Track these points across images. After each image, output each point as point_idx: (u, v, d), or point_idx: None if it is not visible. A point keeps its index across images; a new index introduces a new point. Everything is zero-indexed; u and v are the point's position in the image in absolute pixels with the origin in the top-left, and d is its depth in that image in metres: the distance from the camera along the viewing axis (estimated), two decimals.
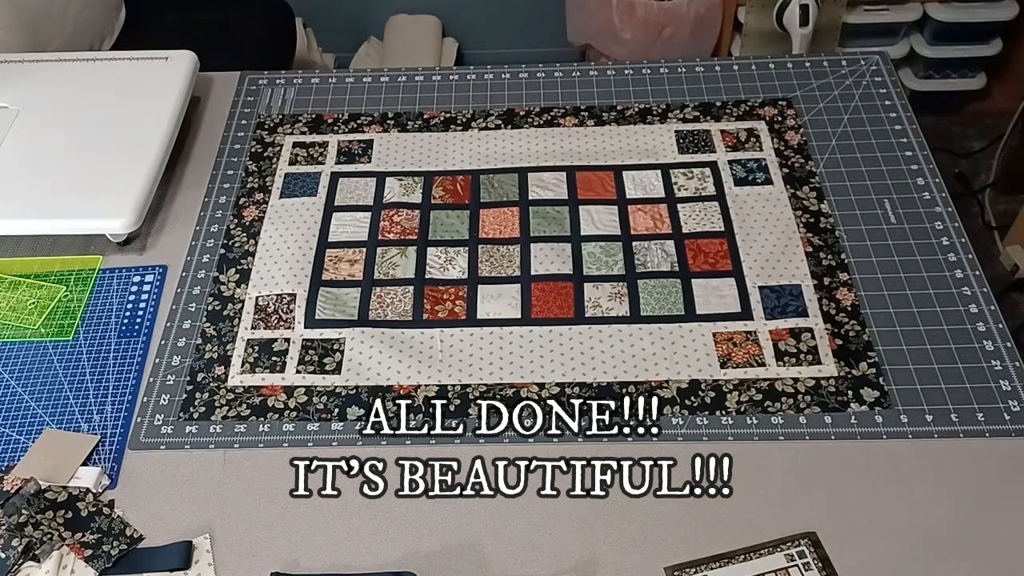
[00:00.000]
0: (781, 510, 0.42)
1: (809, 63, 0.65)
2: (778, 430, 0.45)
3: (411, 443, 0.46)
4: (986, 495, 0.43)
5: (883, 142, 0.60)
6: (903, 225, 0.55)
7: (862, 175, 0.58)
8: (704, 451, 0.44)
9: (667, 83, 0.65)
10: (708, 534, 0.42)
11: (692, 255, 0.53)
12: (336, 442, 0.46)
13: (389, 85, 0.66)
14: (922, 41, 1.18)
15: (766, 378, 0.47)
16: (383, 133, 0.62)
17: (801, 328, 0.49)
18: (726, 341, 0.49)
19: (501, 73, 0.66)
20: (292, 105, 0.65)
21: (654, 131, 0.61)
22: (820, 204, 0.56)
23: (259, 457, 0.45)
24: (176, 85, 0.61)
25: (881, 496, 0.43)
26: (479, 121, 0.63)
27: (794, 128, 0.61)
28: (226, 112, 0.64)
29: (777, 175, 0.58)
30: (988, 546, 0.41)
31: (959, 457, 0.44)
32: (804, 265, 0.53)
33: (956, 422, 0.45)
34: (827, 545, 0.41)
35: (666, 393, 0.47)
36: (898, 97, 0.62)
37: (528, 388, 0.47)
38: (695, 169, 0.58)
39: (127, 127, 0.58)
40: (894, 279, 0.52)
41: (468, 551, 0.42)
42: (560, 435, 0.46)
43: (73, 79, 0.63)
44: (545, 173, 0.59)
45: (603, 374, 0.48)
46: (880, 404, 0.46)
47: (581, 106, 0.63)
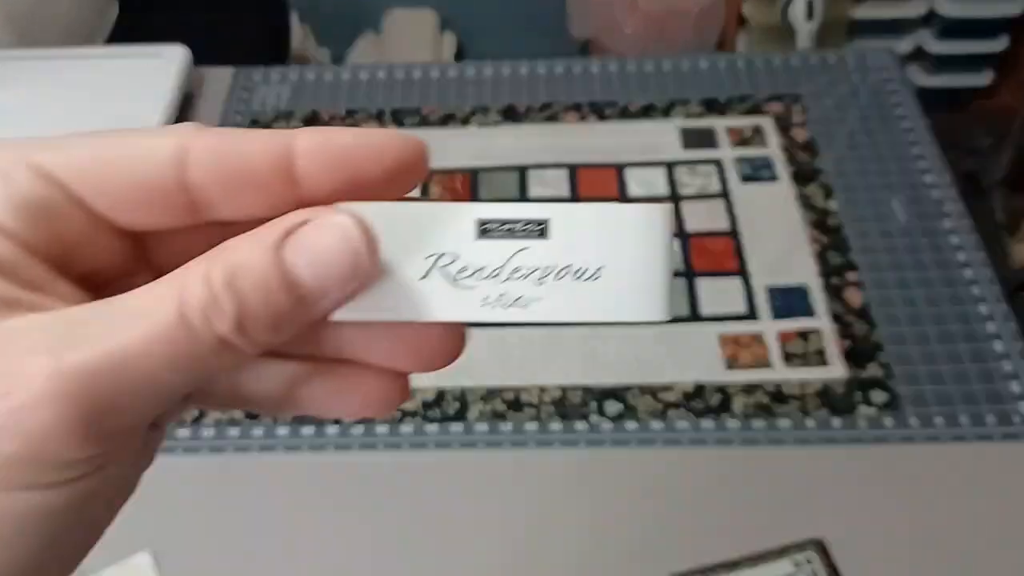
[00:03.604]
0: (788, 516, 0.41)
1: (815, 59, 0.64)
2: (785, 433, 0.44)
3: (408, 447, 0.45)
4: (997, 499, 0.42)
5: (891, 139, 0.58)
6: (912, 223, 0.53)
7: (870, 172, 0.56)
8: (710, 456, 0.43)
9: (671, 79, 0.63)
10: (714, 540, 0.41)
11: (697, 254, 0.52)
12: (331, 447, 0.45)
13: (386, 81, 0.65)
14: (929, 37, 1.16)
15: (773, 380, 0.46)
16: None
17: (809, 329, 0.48)
18: (732, 342, 0.48)
19: (501, 68, 0.65)
20: (287, 101, 0.64)
21: (657, 128, 0.60)
22: (827, 202, 0.55)
23: (254, 461, 0.44)
24: (168, 81, 0.60)
25: (890, 501, 0.42)
26: (478, 117, 0.61)
27: (801, 124, 0.60)
28: (220, 109, 0.63)
29: (784, 172, 0.57)
30: (1000, 551, 0.40)
31: (968, 460, 0.43)
32: (812, 264, 0.52)
33: (966, 424, 0.44)
34: (834, 551, 0.40)
35: (671, 396, 0.46)
36: (906, 94, 0.61)
37: (529, 391, 0.46)
38: (700, 166, 0.57)
39: (118, 124, 0.57)
40: (903, 278, 0.51)
41: (464, 558, 0.41)
42: (562, 439, 0.45)
43: (63, 75, 0.62)
44: (546, 171, 0.58)
45: (606, 377, 0.47)
46: (889, 406, 0.45)
47: (583, 102, 0.62)
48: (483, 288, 0.14)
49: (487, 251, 0.14)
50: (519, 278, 0.14)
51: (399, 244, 0.14)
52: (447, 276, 0.14)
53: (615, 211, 0.14)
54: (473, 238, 0.14)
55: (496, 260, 0.14)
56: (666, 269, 0.14)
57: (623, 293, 0.14)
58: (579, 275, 0.14)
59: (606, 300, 0.14)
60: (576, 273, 0.14)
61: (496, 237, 0.14)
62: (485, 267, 0.14)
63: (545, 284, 0.14)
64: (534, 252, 0.14)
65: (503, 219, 0.14)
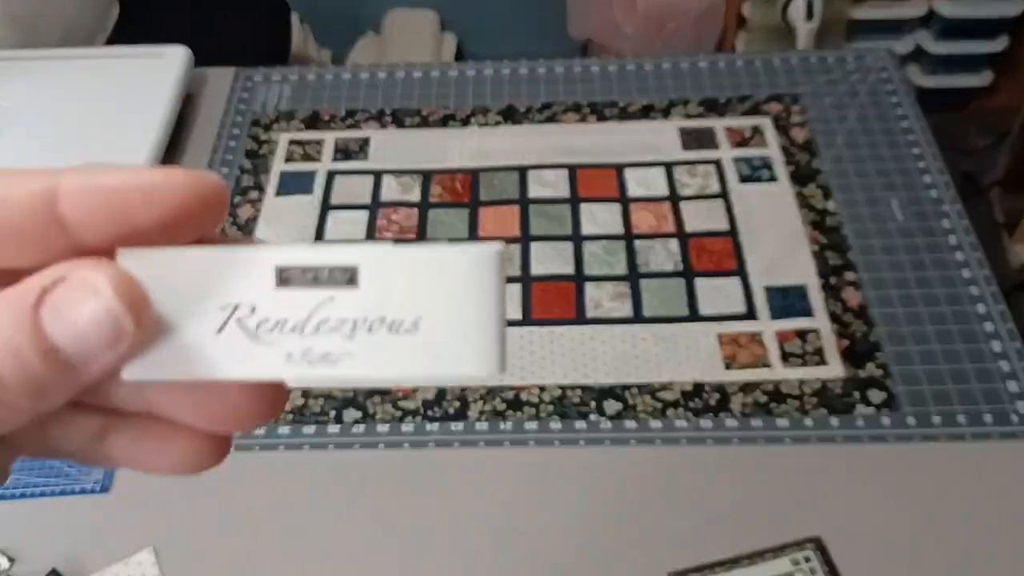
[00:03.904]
0: (786, 514, 0.41)
1: (815, 59, 0.64)
2: (783, 432, 0.44)
3: (409, 446, 0.45)
4: (995, 498, 0.42)
5: (890, 139, 0.59)
6: (910, 223, 0.54)
7: (869, 173, 0.57)
8: (708, 454, 0.43)
9: (670, 79, 0.64)
10: (712, 538, 0.41)
11: (696, 254, 0.52)
12: (332, 445, 0.45)
13: (387, 81, 0.65)
14: (928, 37, 1.16)
15: (771, 380, 0.46)
16: (380, 130, 0.61)
17: (807, 329, 0.49)
18: (731, 342, 0.48)
19: (501, 68, 0.65)
20: (288, 102, 0.64)
21: (657, 128, 0.60)
22: (826, 202, 0.55)
23: (255, 459, 0.44)
24: (169, 82, 0.60)
25: (888, 500, 0.42)
26: (478, 117, 0.62)
27: (800, 125, 0.60)
28: (221, 109, 0.63)
29: (783, 173, 0.57)
30: (997, 550, 0.40)
31: (966, 459, 0.43)
32: (811, 264, 0.52)
33: (964, 423, 0.44)
34: (833, 550, 0.40)
35: (670, 396, 0.46)
36: (905, 94, 0.61)
37: (529, 391, 0.47)
38: (699, 166, 0.57)
39: (119, 125, 0.57)
40: (901, 278, 0.51)
41: (466, 556, 0.41)
42: (561, 438, 0.45)
43: (64, 76, 0.62)
44: (546, 171, 0.58)
45: (605, 376, 0.47)
46: (887, 406, 0.45)
47: (582, 102, 0.62)
48: (286, 343, 0.13)
49: (288, 301, 0.13)
50: (327, 331, 0.13)
51: (189, 295, 0.13)
52: (245, 329, 0.13)
53: (433, 255, 0.13)
54: (273, 286, 0.13)
55: (299, 312, 0.13)
56: (495, 319, 0.13)
57: (445, 346, 0.13)
58: (394, 328, 0.13)
59: (426, 354, 0.13)
60: (391, 325, 0.13)
61: (298, 286, 0.13)
62: (287, 319, 0.13)
63: (356, 338, 0.13)
64: (342, 302, 0.12)
65: (305, 266, 0.12)
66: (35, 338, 0.11)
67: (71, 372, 0.12)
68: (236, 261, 0.13)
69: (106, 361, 0.12)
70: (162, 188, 0.12)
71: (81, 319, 0.12)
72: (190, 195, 0.12)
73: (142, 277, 0.12)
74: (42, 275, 0.12)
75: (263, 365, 0.13)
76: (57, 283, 0.12)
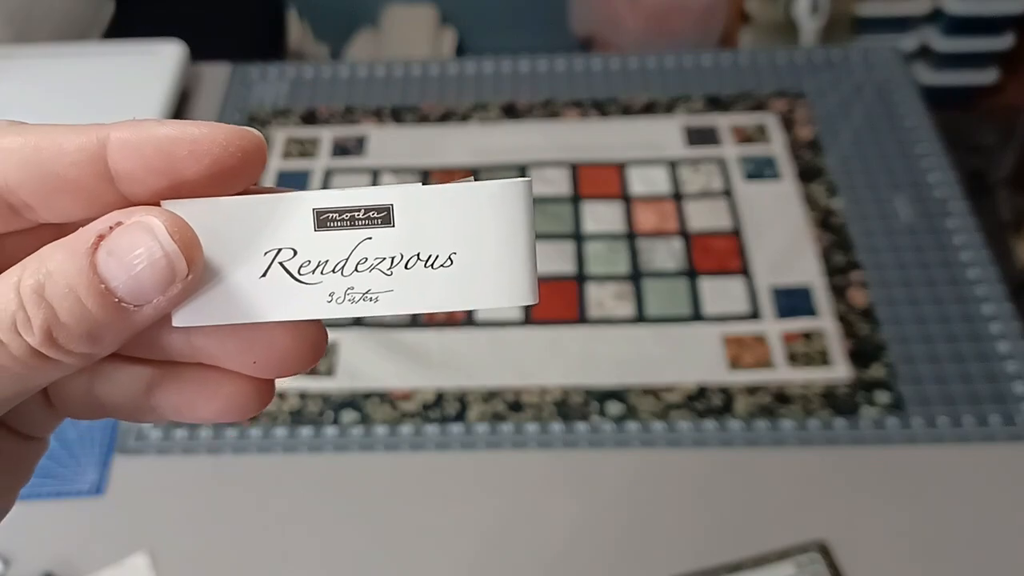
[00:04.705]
0: (790, 517, 0.41)
1: (820, 56, 0.64)
2: (788, 434, 0.44)
3: (408, 448, 0.44)
4: (1001, 500, 0.41)
5: (896, 137, 0.58)
6: (916, 222, 0.53)
7: (874, 171, 0.56)
8: (712, 457, 0.43)
9: (673, 75, 0.63)
10: (715, 542, 0.40)
11: (699, 253, 0.52)
12: (330, 448, 0.44)
13: (385, 77, 0.64)
14: (934, 34, 1.15)
15: (776, 381, 0.46)
16: (379, 127, 0.60)
17: (812, 329, 0.48)
18: (735, 343, 0.47)
19: (501, 64, 0.64)
20: (285, 98, 0.63)
21: (660, 125, 0.59)
22: (831, 200, 0.54)
23: (251, 462, 0.44)
24: (165, 77, 0.59)
25: (893, 502, 0.41)
26: (478, 114, 0.61)
27: (804, 122, 0.59)
28: (217, 105, 0.63)
29: (787, 171, 0.56)
30: (1004, 552, 0.40)
31: (972, 461, 0.42)
32: (815, 264, 0.51)
33: (969, 425, 0.44)
34: (837, 553, 0.40)
35: (673, 397, 0.45)
36: (911, 91, 0.61)
37: (529, 392, 0.46)
38: (703, 164, 0.57)
39: (114, 120, 0.57)
40: (907, 278, 0.50)
41: (465, 560, 0.40)
42: (563, 440, 0.44)
43: (58, 71, 0.61)
44: (547, 168, 0.57)
45: (607, 377, 0.46)
46: (893, 407, 0.44)
47: (584, 99, 0.61)
48: (328, 283, 0.13)
49: (328, 243, 0.13)
50: (366, 270, 0.13)
51: (233, 242, 0.13)
52: (288, 272, 0.13)
53: (464, 191, 0.13)
54: (312, 230, 0.13)
55: (339, 252, 0.13)
56: (527, 249, 0.13)
57: (480, 278, 0.13)
58: (430, 262, 0.13)
59: (462, 287, 0.13)
60: (427, 260, 0.13)
61: (337, 227, 0.13)
62: (328, 260, 0.13)
63: (394, 274, 0.13)
64: (379, 241, 0.13)
65: (341, 208, 0.13)
66: (91, 281, 0.12)
67: (125, 315, 0.12)
68: (275, 208, 0.13)
69: (159, 304, 0.12)
70: (207, 140, 0.13)
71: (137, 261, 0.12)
72: (233, 148, 0.13)
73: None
74: (99, 221, 0.12)
75: (308, 306, 0.13)
76: (113, 228, 0.12)
